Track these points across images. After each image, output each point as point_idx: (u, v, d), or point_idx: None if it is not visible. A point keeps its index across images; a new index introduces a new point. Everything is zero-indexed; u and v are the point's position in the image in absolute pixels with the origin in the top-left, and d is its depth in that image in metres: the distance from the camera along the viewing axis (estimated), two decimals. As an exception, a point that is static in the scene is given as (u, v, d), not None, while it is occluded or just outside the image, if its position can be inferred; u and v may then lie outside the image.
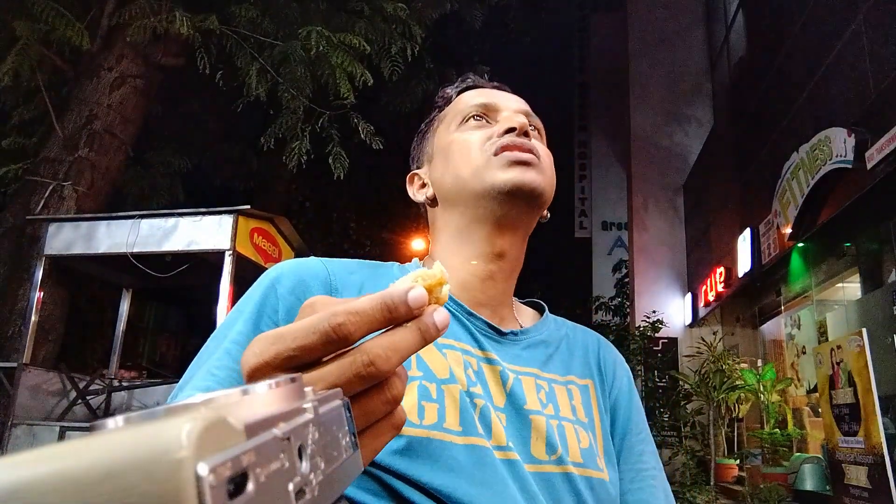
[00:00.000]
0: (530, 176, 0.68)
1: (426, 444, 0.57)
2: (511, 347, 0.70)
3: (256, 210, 4.59)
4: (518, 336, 0.72)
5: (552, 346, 0.75)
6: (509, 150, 0.69)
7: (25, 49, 4.95)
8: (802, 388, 7.68)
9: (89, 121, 5.34)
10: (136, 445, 0.16)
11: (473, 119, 0.75)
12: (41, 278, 4.47)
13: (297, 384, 0.26)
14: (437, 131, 0.78)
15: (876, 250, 6.03)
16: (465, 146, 0.72)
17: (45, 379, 4.52)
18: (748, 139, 8.79)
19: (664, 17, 13.27)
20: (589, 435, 0.69)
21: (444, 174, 0.74)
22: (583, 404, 0.71)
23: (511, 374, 0.67)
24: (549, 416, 0.66)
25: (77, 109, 5.39)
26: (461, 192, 0.71)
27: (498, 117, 0.75)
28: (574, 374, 0.74)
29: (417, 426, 0.58)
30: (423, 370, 0.61)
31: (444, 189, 0.74)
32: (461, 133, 0.74)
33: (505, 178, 0.68)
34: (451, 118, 0.77)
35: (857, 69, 5.51)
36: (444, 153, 0.75)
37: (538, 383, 0.69)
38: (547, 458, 0.63)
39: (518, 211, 0.69)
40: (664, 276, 12.10)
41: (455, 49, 10.58)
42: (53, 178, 5.12)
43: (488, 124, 0.74)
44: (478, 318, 0.69)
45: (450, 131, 0.75)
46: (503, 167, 0.68)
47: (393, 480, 0.56)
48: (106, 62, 5.49)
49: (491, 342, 0.69)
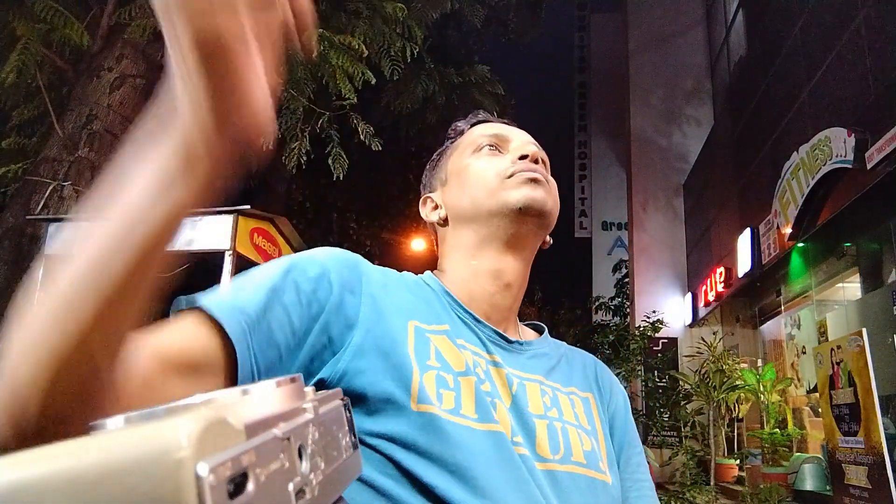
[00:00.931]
0: (541, 193, 0.74)
1: (446, 424, 0.59)
2: (517, 356, 0.74)
3: (256, 210, 4.59)
4: (523, 346, 0.76)
5: (554, 359, 0.79)
6: (522, 171, 0.75)
7: (27, 48, 4.96)
8: (802, 388, 7.68)
9: (89, 121, 5.35)
10: (136, 445, 0.16)
11: (487, 148, 0.80)
12: (41, 278, 4.47)
13: (297, 384, 0.26)
14: (450, 159, 0.84)
15: (876, 250, 6.03)
16: (481, 170, 0.78)
17: (45, 379, 4.52)
18: (748, 139, 8.79)
19: (664, 17, 13.27)
20: (592, 440, 0.71)
21: (459, 196, 0.79)
22: (585, 413, 0.74)
23: (516, 379, 0.69)
24: (553, 418, 0.69)
25: (77, 109, 5.39)
26: (477, 212, 0.76)
27: (509, 147, 0.80)
28: (575, 386, 0.77)
29: (438, 408, 0.60)
30: (440, 362, 0.64)
31: (458, 209, 0.79)
32: (476, 160, 0.79)
33: (518, 195, 0.74)
34: (465, 147, 0.82)
35: (857, 69, 5.51)
36: (459, 177, 0.80)
37: (543, 389, 0.72)
38: (551, 456, 0.65)
39: (526, 229, 0.75)
40: (664, 276, 12.10)
41: (455, 49, 10.58)
42: (53, 178, 5.13)
43: (500, 154, 0.80)
44: (486, 326, 0.73)
45: (464, 158, 0.81)
46: (517, 186, 0.74)
47: (412, 461, 0.57)
48: (106, 62, 5.50)
49: (498, 349, 0.72)
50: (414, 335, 0.65)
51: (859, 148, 5.09)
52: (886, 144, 4.66)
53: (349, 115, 5.70)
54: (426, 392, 0.60)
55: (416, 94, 8.20)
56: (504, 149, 0.80)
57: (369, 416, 0.59)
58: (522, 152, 0.77)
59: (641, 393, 9.88)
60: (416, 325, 0.66)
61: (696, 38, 13.18)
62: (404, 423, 0.58)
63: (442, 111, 8.77)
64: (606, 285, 17.62)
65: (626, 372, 8.89)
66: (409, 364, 0.61)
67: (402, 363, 0.61)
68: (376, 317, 0.63)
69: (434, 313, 0.70)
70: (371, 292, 0.65)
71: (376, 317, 0.63)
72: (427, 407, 0.59)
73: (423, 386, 0.60)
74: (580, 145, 21.28)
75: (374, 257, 12.53)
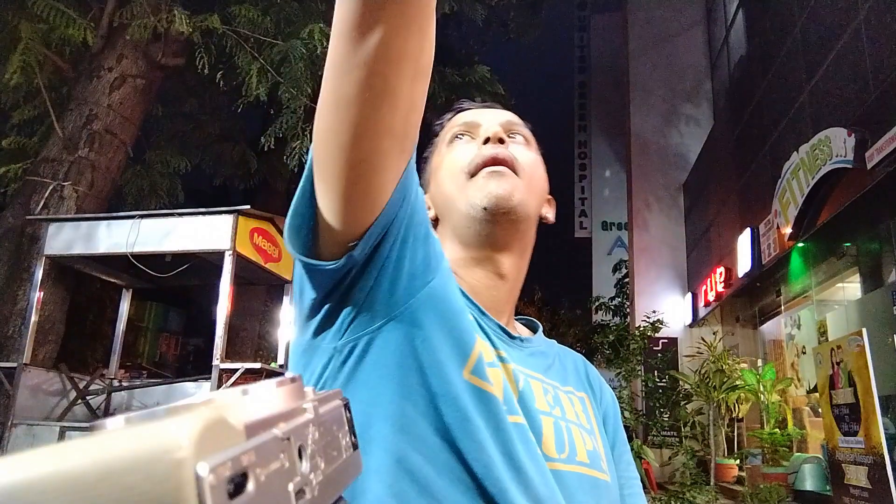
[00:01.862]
0: (504, 188, 0.70)
1: (494, 404, 0.60)
2: (518, 352, 0.72)
3: (256, 210, 4.59)
4: (524, 342, 0.74)
5: (550, 357, 0.78)
6: (484, 165, 0.72)
7: (28, 48, 4.96)
8: (802, 388, 7.68)
9: (89, 121, 5.35)
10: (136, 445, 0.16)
11: (457, 138, 0.78)
12: (41, 278, 4.47)
13: (297, 384, 0.26)
14: (433, 155, 0.83)
15: (876, 250, 6.03)
16: (449, 166, 0.76)
17: (45, 379, 4.52)
18: (748, 139, 8.79)
19: (664, 17, 13.27)
20: (592, 440, 0.71)
21: (437, 195, 0.78)
22: (583, 412, 0.74)
23: (521, 375, 0.68)
24: (557, 417, 0.68)
25: (77, 109, 5.39)
26: (451, 213, 0.75)
27: (478, 132, 0.77)
28: (571, 385, 0.77)
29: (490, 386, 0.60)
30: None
31: (439, 209, 0.78)
32: (448, 153, 0.78)
33: (481, 196, 0.70)
34: (441, 140, 0.82)
35: (857, 69, 5.51)
36: (436, 176, 0.79)
37: (545, 387, 0.71)
38: (557, 455, 0.65)
39: (499, 227, 0.71)
40: (664, 276, 12.11)
41: (455, 49, 10.58)
42: (53, 178, 5.13)
43: (473, 141, 0.77)
44: (490, 319, 0.71)
45: (441, 153, 0.80)
46: (479, 184, 0.71)
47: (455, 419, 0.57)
48: (106, 62, 5.50)
49: (502, 343, 0.71)
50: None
51: (859, 148, 5.09)
52: (886, 144, 4.66)
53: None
54: (482, 367, 0.60)
55: (416, 94, 8.19)
56: (475, 134, 0.77)
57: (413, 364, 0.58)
58: (486, 135, 0.74)
59: (641, 393, 9.88)
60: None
61: (696, 38, 13.18)
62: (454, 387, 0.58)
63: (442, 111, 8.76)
64: (606, 285, 17.63)
65: (626, 372, 8.88)
66: (471, 336, 0.62)
67: (465, 332, 0.61)
68: (448, 282, 0.64)
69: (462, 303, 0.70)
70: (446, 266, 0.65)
71: (448, 282, 0.64)
72: (479, 381, 0.59)
73: (482, 360, 0.61)
74: (580, 145, 21.27)
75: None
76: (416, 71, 0.52)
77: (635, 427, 9.22)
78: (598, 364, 16.08)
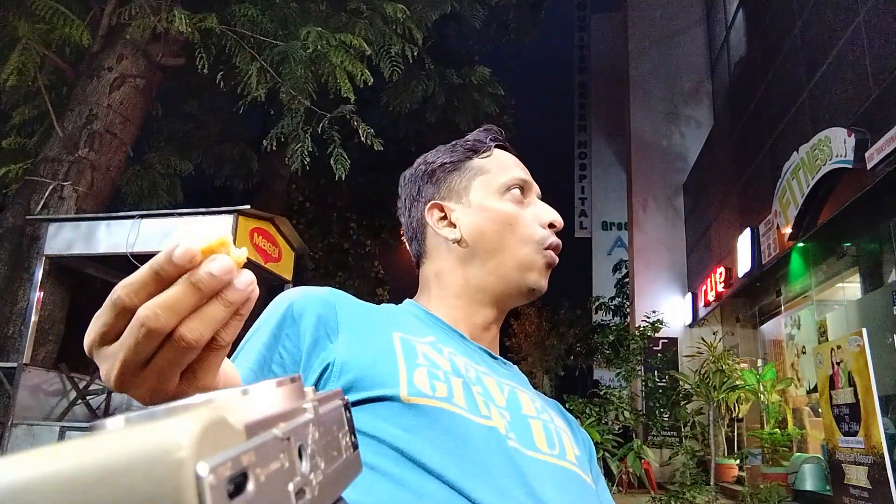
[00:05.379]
0: (547, 279, 0.78)
1: (438, 412, 0.59)
2: (502, 370, 0.76)
3: (256, 210, 4.59)
4: (507, 365, 0.79)
5: (530, 386, 0.81)
6: (552, 251, 0.78)
7: (27, 48, 4.96)
8: (802, 388, 7.68)
9: (89, 121, 5.34)
10: (136, 445, 0.16)
11: (510, 190, 0.79)
12: (41, 278, 4.47)
13: (297, 384, 0.26)
14: (475, 178, 0.80)
15: (876, 250, 6.03)
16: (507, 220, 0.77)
17: (45, 379, 4.52)
18: (748, 139, 8.79)
19: (664, 17, 13.27)
20: (578, 448, 0.73)
21: (473, 227, 0.77)
22: (566, 431, 0.75)
23: (507, 386, 0.71)
24: (546, 420, 0.70)
25: (77, 109, 5.39)
26: (488, 262, 0.77)
27: (532, 198, 0.81)
28: (550, 414, 0.77)
29: (430, 397, 0.60)
30: (428, 362, 0.64)
31: (480, 246, 0.77)
32: (503, 201, 0.78)
33: (536, 279, 0.77)
34: (493, 178, 0.80)
35: (857, 69, 5.50)
36: (488, 213, 0.78)
37: (531, 397, 0.73)
38: (549, 451, 0.66)
39: (521, 302, 0.80)
40: (664, 276, 12.10)
41: (455, 49, 10.58)
42: (53, 178, 5.12)
43: (523, 201, 0.80)
44: (472, 343, 0.75)
45: (490, 191, 0.79)
46: (540, 270, 0.77)
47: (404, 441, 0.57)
48: (106, 62, 5.49)
49: (485, 363, 0.74)
50: (400, 343, 0.65)
51: (859, 148, 5.09)
52: (886, 144, 4.66)
53: (350, 116, 5.70)
54: (416, 385, 0.60)
55: (416, 95, 8.20)
56: (528, 197, 0.80)
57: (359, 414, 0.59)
58: (552, 219, 0.78)
59: (641, 393, 9.88)
60: (401, 336, 0.66)
61: (696, 38, 13.18)
62: (396, 413, 0.58)
63: (441, 111, 8.77)
64: (606, 285, 17.64)
65: (626, 372, 8.88)
66: (396, 365, 0.62)
67: (389, 366, 0.62)
68: (356, 339, 0.64)
69: (418, 329, 0.71)
70: (347, 321, 0.66)
71: (356, 339, 0.64)
72: (418, 399, 0.59)
73: (413, 380, 0.61)
74: (580, 145, 21.27)
75: (374, 257, 12.53)
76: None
77: (635, 427, 9.22)
78: (598, 364, 16.08)
